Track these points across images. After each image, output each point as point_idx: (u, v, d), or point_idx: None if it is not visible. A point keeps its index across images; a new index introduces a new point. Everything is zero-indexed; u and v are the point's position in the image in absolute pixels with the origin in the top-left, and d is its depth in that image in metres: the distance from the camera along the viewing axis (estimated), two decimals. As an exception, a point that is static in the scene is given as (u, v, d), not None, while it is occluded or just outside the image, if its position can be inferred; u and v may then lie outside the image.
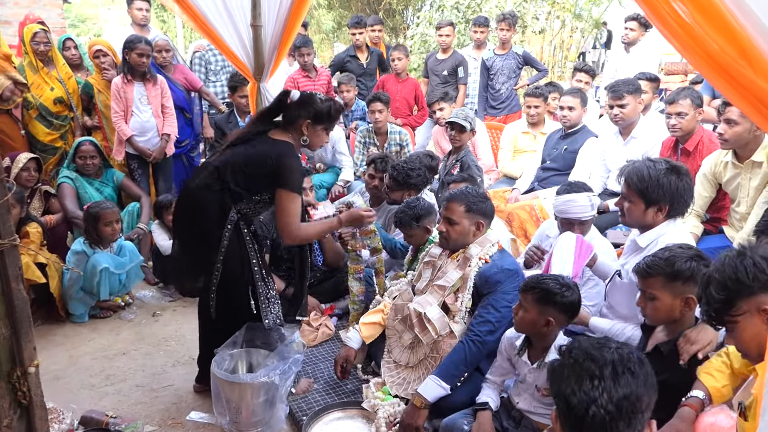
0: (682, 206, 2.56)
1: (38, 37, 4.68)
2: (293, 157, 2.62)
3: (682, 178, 2.52)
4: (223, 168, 2.60)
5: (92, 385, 3.14)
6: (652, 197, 2.52)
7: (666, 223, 2.56)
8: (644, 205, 2.54)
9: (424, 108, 6.32)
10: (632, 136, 4.05)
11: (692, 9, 1.46)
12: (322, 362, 3.30)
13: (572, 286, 2.27)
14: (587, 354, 1.39)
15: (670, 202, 2.52)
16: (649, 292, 2.10)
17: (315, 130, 2.74)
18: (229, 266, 2.65)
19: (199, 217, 2.64)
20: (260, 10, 3.70)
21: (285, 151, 2.61)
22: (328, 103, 2.76)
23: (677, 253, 2.08)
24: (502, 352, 2.49)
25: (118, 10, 24.74)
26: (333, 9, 15.55)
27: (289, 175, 2.56)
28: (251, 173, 2.58)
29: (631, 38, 5.90)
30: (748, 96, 1.43)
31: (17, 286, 1.75)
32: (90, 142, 4.50)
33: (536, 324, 2.26)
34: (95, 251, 3.88)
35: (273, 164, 2.55)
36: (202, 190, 2.62)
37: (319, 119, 2.72)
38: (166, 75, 5.14)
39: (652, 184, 2.50)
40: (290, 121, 2.71)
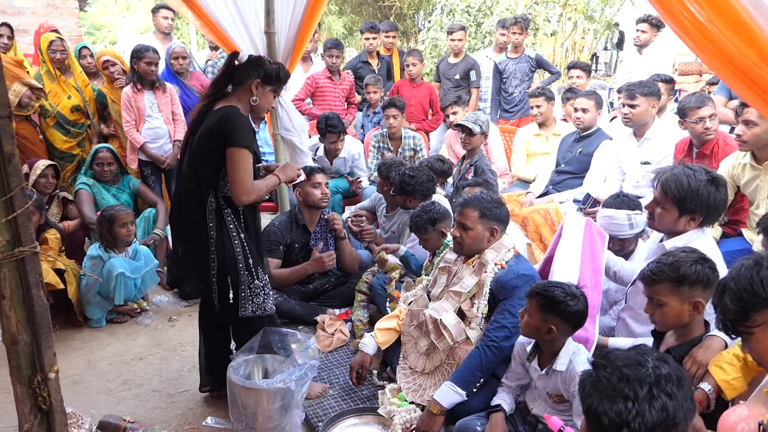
0: (715, 217, 2.54)
1: (54, 46, 4.75)
2: (238, 116, 2.59)
3: (720, 190, 2.48)
4: (192, 158, 2.63)
5: (110, 389, 3.17)
6: (688, 207, 2.47)
7: (695, 231, 2.52)
8: (678, 213, 2.50)
9: (438, 113, 6.33)
10: (646, 138, 4.02)
11: (708, 10, 1.45)
12: (337, 368, 3.30)
13: (579, 296, 2.24)
14: (622, 374, 1.31)
15: (705, 213, 2.48)
16: (656, 299, 2.07)
17: (264, 91, 2.72)
18: (219, 256, 2.66)
19: (184, 216, 2.70)
20: (274, 17, 3.73)
21: (228, 112, 2.58)
22: (276, 65, 2.78)
23: (681, 258, 2.06)
24: (516, 356, 2.48)
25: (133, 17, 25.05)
26: (344, 14, 15.61)
27: (235, 133, 2.52)
28: (207, 148, 2.57)
29: (644, 40, 5.87)
30: (766, 97, 1.42)
31: (38, 292, 1.77)
32: (107, 149, 4.55)
33: (539, 330, 2.25)
34: (111, 255, 3.92)
35: (220, 129, 2.54)
36: (185, 191, 2.70)
37: (268, 80, 2.71)
38: (182, 82, 5.19)
39: (690, 194, 2.45)
40: (240, 81, 2.68)
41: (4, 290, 1.72)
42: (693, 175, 2.47)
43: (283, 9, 3.71)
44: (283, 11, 3.72)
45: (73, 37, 7.07)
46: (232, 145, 2.52)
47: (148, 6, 23.19)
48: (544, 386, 2.32)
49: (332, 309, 3.82)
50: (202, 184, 2.63)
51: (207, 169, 2.61)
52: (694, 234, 2.51)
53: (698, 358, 2.00)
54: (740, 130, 3.14)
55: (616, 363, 1.34)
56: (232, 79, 2.71)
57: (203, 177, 2.63)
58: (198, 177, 2.64)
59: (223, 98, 2.70)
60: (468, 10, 12.15)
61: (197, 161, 2.62)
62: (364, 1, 14.83)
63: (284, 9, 3.71)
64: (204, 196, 2.63)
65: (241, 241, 2.69)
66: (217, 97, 2.70)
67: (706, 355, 2.00)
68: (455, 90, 6.53)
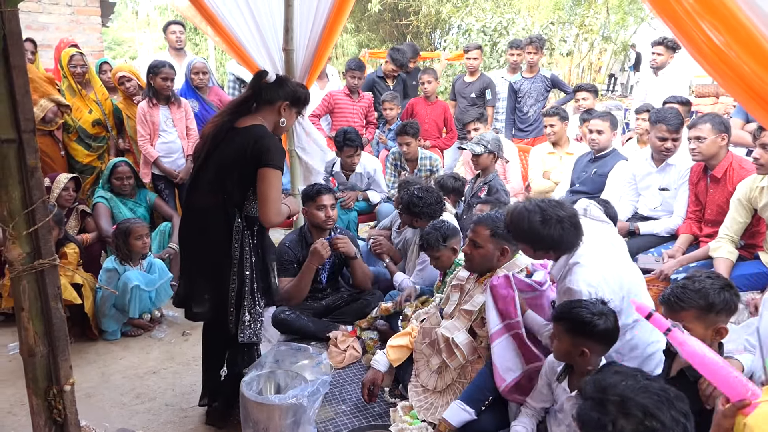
0: (563, 245, 2.45)
1: (74, 60, 4.85)
2: (270, 137, 2.58)
3: (555, 226, 2.40)
4: (219, 175, 2.57)
5: (123, 403, 3.18)
6: (537, 248, 2.48)
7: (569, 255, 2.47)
8: (532, 250, 2.51)
9: (452, 131, 6.35)
10: (668, 163, 3.98)
11: (726, 35, 1.46)
12: (349, 384, 3.29)
13: (606, 313, 2.14)
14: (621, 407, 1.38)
15: (546, 249, 2.46)
16: (682, 325, 2.04)
17: (291, 113, 2.74)
18: (240, 277, 2.63)
19: (206, 234, 2.61)
20: (292, 34, 3.78)
21: (260, 132, 2.56)
22: (302, 89, 2.79)
23: (708, 285, 2.03)
24: (543, 376, 2.40)
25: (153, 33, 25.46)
26: (361, 32, 15.78)
27: (269, 154, 2.51)
28: (238, 167, 2.54)
29: (659, 62, 5.87)
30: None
31: (56, 304, 1.80)
32: (125, 163, 4.62)
33: (571, 354, 2.15)
34: (126, 268, 3.96)
35: (252, 149, 2.51)
36: (208, 208, 2.60)
37: (296, 102, 2.73)
38: (201, 97, 5.26)
39: (523, 233, 2.46)
40: (269, 101, 2.66)
41: (23, 302, 1.75)
42: (519, 214, 2.45)
43: (302, 26, 3.77)
44: (302, 29, 3.77)
45: (94, 52, 7.21)
46: (267, 165, 2.50)
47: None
48: (572, 409, 2.22)
49: (345, 325, 3.81)
50: (228, 202, 2.58)
51: (235, 188, 2.57)
52: (567, 258, 2.46)
53: None
54: (758, 154, 3.12)
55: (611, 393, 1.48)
56: (260, 97, 2.69)
57: (230, 195, 2.58)
58: (224, 194, 2.58)
59: (246, 115, 2.66)
60: (484, 29, 12.25)
61: (225, 179, 2.56)
62: (381, 19, 14.99)
63: (303, 26, 3.76)
64: (231, 214, 2.58)
65: (252, 264, 2.67)
66: (240, 114, 2.66)
67: None
68: (471, 108, 6.54)
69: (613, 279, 2.38)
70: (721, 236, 3.40)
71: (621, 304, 2.35)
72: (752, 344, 2.28)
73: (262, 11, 3.70)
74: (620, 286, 2.39)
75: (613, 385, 1.59)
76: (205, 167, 2.63)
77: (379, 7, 13.50)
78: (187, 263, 2.80)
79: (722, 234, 3.39)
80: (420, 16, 14.12)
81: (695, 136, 3.56)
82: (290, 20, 3.74)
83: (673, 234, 3.90)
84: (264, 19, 3.73)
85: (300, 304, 3.82)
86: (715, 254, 3.36)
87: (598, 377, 1.67)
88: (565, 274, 2.44)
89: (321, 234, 3.85)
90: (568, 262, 2.43)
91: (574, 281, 2.34)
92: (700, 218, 3.74)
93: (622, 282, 2.41)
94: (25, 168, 1.69)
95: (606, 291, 2.31)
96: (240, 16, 3.69)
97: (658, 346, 2.46)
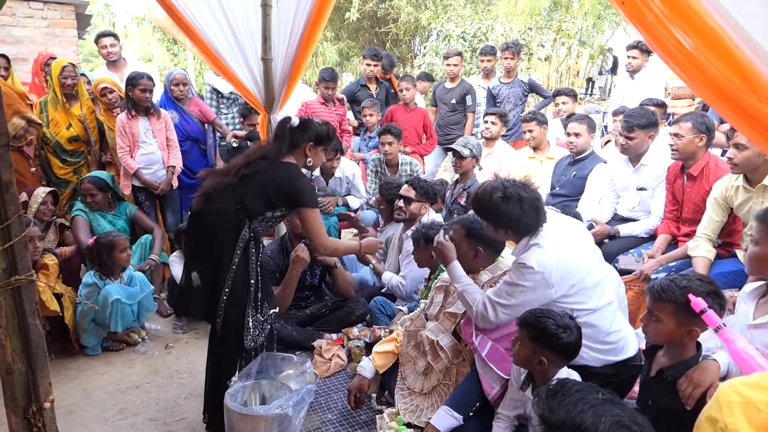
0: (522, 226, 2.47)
1: (66, 72, 4.79)
2: (302, 177, 2.82)
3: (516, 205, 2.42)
4: (241, 193, 2.69)
5: (105, 419, 3.14)
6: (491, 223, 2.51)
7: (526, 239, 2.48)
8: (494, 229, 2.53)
9: (432, 136, 6.38)
10: (642, 164, 4.04)
11: (694, 37, 1.48)
12: (335, 393, 3.28)
13: (572, 327, 2.15)
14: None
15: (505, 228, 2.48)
16: (656, 314, 2.09)
17: (316, 151, 2.93)
18: (236, 284, 2.70)
19: (216, 237, 2.70)
20: (270, 43, 3.78)
21: (293, 172, 2.78)
22: (325, 127, 2.95)
23: (695, 286, 2.05)
24: (513, 383, 2.42)
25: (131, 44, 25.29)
26: (341, 40, 15.80)
27: (304, 195, 2.75)
28: (269, 197, 2.72)
29: (635, 66, 5.97)
30: (753, 123, 1.44)
31: (33, 321, 1.77)
32: (89, 180, 4.51)
33: (530, 361, 2.17)
34: (106, 282, 3.91)
35: (286, 188, 2.72)
36: (220, 213, 2.69)
37: (320, 141, 2.91)
38: (181, 108, 5.24)
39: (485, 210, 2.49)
40: (295, 145, 2.86)
41: (0, 319, 1.73)
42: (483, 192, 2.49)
43: (280, 35, 3.77)
44: (280, 37, 3.77)
45: (72, 65, 7.12)
46: (304, 206, 2.77)
47: (146, 34, 23.46)
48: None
49: (329, 334, 3.80)
50: (242, 212, 2.69)
51: (256, 207, 2.70)
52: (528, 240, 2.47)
53: (695, 380, 2.01)
54: (731, 153, 3.18)
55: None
56: (287, 141, 2.85)
57: (249, 210, 2.70)
58: (243, 208, 2.69)
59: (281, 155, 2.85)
60: (464, 36, 12.32)
61: (248, 197, 2.69)
62: (360, 26, 15.02)
63: (281, 35, 3.76)
64: (241, 223, 2.69)
65: (257, 274, 2.76)
66: (278, 156, 2.82)
67: (703, 377, 2.00)
68: (452, 114, 6.61)
69: (567, 266, 2.37)
70: (698, 235, 3.45)
71: (568, 291, 2.37)
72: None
73: (240, 21, 3.70)
74: (572, 275, 2.37)
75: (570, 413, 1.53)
76: (235, 184, 2.71)
77: (358, 15, 13.52)
78: (189, 261, 2.87)
79: (700, 233, 3.45)
80: (399, 23, 14.18)
81: (675, 133, 3.63)
82: (268, 29, 3.74)
83: (652, 234, 3.95)
84: (241, 29, 3.72)
85: (284, 314, 3.81)
86: (694, 253, 3.41)
87: (551, 403, 1.59)
88: (522, 254, 2.44)
89: (299, 242, 3.86)
90: (528, 243, 2.44)
91: (526, 257, 2.36)
92: (677, 217, 3.80)
93: (577, 271, 2.39)
94: (0, 183, 1.67)
95: (554, 274, 2.31)
96: (217, 26, 3.68)
97: (620, 335, 2.48)
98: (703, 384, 1.99)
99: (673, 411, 2.03)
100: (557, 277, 2.33)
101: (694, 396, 1.98)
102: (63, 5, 7.37)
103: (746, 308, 2.25)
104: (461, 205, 4.43)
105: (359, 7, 13.51)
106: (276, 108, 4.00)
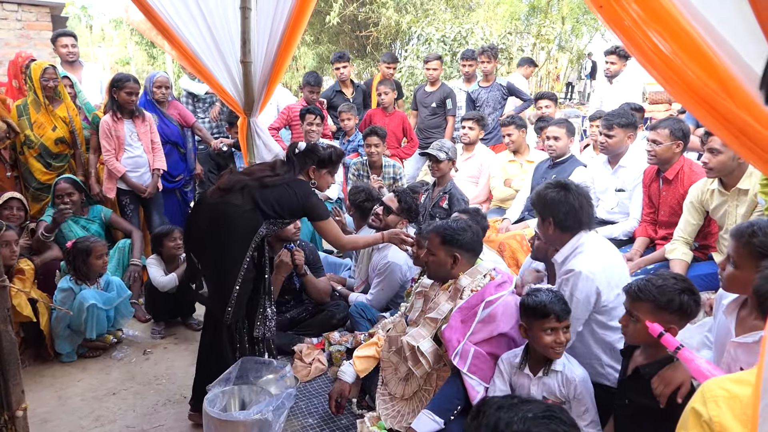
0: (564, 218, 2.62)
1: (48, 74, 4.66)
2: (313, 194, 3.04)
3: (569, 194, 2.62)
4: (258, 197, 2.83)
5: (81, 427, 3.08)
6: (540, 212, 2.70)
7: (576, 237, 2.63)
8: (541, 220, 2.71)
9: (413, 140, 6.39)
10: (620, 165, 4.11)
11: (670, 41, 1.49)
12: (315, 397, 3.26)
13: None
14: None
15: (552, 214, 2.63)
16: (634, 314, 2.13)
17: (320, 174, 3.13)
18: (247, 277, 2.84)
19: (229, 230, 2.78)
20: (250, 46, 3.75)
21: (306, 190, 3.00)
22: (329, 150, 3.14)
23: (670, 284, 2.09)
24: (501, 374, 2.47)
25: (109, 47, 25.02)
26: (321, 44, 15.78)
27: (317, 210, 2.99)
28: (282, 208, 2.90)
29: (613, 71, 6.05)
30: (729, 126, 1.45)
31: (5, 327, 1.74)
32: (65, 180, 4.43)
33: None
34: (82, 287, 3.83)
35: (301, 204, 2.94)
36: (234, 207, 2.79)
37: (323, 164, 3.12)
38: (160, 111, 5.18)
39: (539, 200, 2.70)
40: (301, 168, 3.08)
41: (-29, 325, 1.69)
42: (543, 186, 2.73)
43: (259, 38, 3.74)
44: (260, 40, 3.74)
45: (47, 67, 7.01)
46: (319, 219, 3.01)
47: (124, 37, 23.23)
48: (539, 392, 2.34)
49: (309, 338, 3.78)
50: (260, 214, 2.82)
51: (270, 212, 2.85)
52: (576, 240, 2.62)
53: (666, 378, 2.03)
54: (706, 158, 3.23)
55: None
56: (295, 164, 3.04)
57: (267, 214, 2.84)
58: (259, 208, 2.82)
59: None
60: (444, 39, 12.38)
61: (263, 202, 2.83)
62: (341, 30, 15.02)
63: (260, 38, 3.73)
64: (258, 221, 2.83)
65: (270, 269, 3.03)
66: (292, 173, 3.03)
67: (674, 376, 2.02)
68: (432, 118, 6.63)
69: (610, 274, 2.53)
70: (675, 238, 3.49)
71: (615, 301, 2.49)
72: (711, 340, 2.34)
73: (218, 24, 3.67)
74: (616, 284, 2.50)
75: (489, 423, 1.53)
76: (253, 187, 2.85)
77: (338, 20, 13.52)
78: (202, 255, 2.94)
79: (677, 236, 3.49)
80: (380, 27, 14.20)
81: (653, 139, 3.68)
82: (247, 32, 3.71)
83: (631, 236, 4.00)
84: (220, 32, 3.69)
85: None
86: (671, 256, 3.46)
87: (474, 424, 1.58)
88: (568, 259, 2.59)
89: (282, 246, 3.84)
90: (574, 246, 2.59)
91: (576, 263, 2.49)
92: (654, 220, 3.84)
93: (619, 280, 2.53)
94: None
95: (602, 282, 2.44)
96: (196, 29, 3.64)
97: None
98: (673, 382, 2.01)
99: (649, 409, 2.05)
100: (605, 284, 2.45)
101: (664, 395, 2.00)
102: (38, 7, 7.26)
103: (726, 322, 2.22)
104: (443, 208, 4.43)
105: (339, 11, 13.51)
106: (255, 111, 3.97)
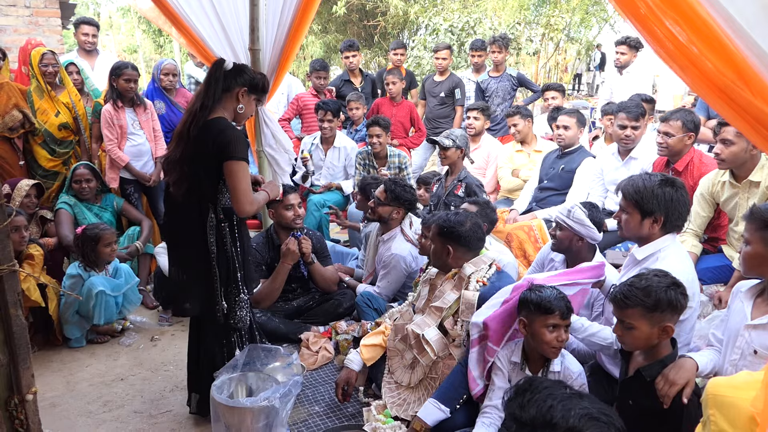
0: (677, 218, 2.54)
1: (46, 59, 4.67)
2: (231, 128, 2.64)
3: (678, 191, 2.53)
4: (191, 172, 2.61)
5: (90, 411, 3.10)
6: (647, 207, 2.52)
7: (665, 237, 2.54)
8: (640, 215, 2.54)
9: (420, 129, 6.37)
10: (631, 157, 4.07)
11: (688, 30, 1.47)
12: (322, 385, 3.27)
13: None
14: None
15: (665, 213, 2.51)
16: (627, 322, 2.07)
17: (249, 99, 2.77)
18: (223, 269, 2.72)
19: (184, 232, 2.71)
20: (258, 34, 3.74)
21: (220, 125, 2.61)
22: (260, 76, 2.85)
23: (654, 283, 2.05)
24: (501, 371, 2.42)
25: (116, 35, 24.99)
26: (329, 33, 15.71)
27: (231, 146, 2.55)
28: (204, 161, 2.59)
29: (623, 61, 6.00)
30: (746, 116, 1.44)
31: (16, 312, 1.74)
32: (85, 166, 4.47)
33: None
34: (91, 274, 3.85)
35: (216, 142, 2.56)
36: (184, 206, 2.67)
37: (254, 88, 2.77)
38: (168, 98, 5.18)
39: (646, 194, 2.51)
40: (227, 89, 2.69)
41: (-18, 309, 1.69)
42: (648, 178, 2.57)
43: (267, 26, 3.73)
44: (268, 28, 3.73)
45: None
46: (231, 158, 2.54)
47: (132, 25, 23.19)
48: None
49: (316, 326, 3.79)
50: (202, 199, 2.64)
51: (206, 183, 2.62)
52: (663, 241, 2.54)
53: (670, 378, 2.01)
54: (718, 149, 3.20)
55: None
56: (218, 86, 2.68)
57: (203, 191, 2.63)
58: (198, 192, 2.63)
59: (211, 107, 2.67)
60: (452, 29, 12.29)
61: (195, 174, 2.61)
62: (348, 20, 14.93)
63: (269, 26, 3.72)
64: (204, 211, 2.65)
65: (234, 254, 2.73)
66: (207, 108, 2.65)
67: (678, 375, 2.01)
68: (440, 108, 6.60)
69: (690, 273, 2.47)
70: (685, 230, 3.47)
71: (693, 300, 2.42)
72: (718, 338, 2.30)
73: (227, 11, 3.65)
74: (692, 282, 2.44)
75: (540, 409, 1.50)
76: (179, 166, 2.65)
77: (344, 10, 13.44)
78: (172, 260, 2.85)
79: (686, 228, 3.46)
80: (388, 16, 14.11)
81: (665, 131, 3.63)
82: (256, 20, 3.70)
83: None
84: (229, 19, 3.67)
85: (271, 306, 3.79)
86: (680, 248, 3.43)
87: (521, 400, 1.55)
88: (651, 257, 2.53)
89: (288, 234, 3.84)
90: (660, 247, 2.53)
91: (665, 264, 2.38)
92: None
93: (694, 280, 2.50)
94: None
95: (687, 281, 2.32)
96: (204, 17, 3.63)
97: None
98: (678, 382, 1.99)
99: (653, 410, 2.02)
100: (688, 283, 2.33)
101: (669, 394, 1.98)
102: (47, -7, 7.24)
103: (743, 307, 2.19)
104: (458, 196, 4.40)
105: (347, 1, 13.43)
106: (263, 99, 3.96)
